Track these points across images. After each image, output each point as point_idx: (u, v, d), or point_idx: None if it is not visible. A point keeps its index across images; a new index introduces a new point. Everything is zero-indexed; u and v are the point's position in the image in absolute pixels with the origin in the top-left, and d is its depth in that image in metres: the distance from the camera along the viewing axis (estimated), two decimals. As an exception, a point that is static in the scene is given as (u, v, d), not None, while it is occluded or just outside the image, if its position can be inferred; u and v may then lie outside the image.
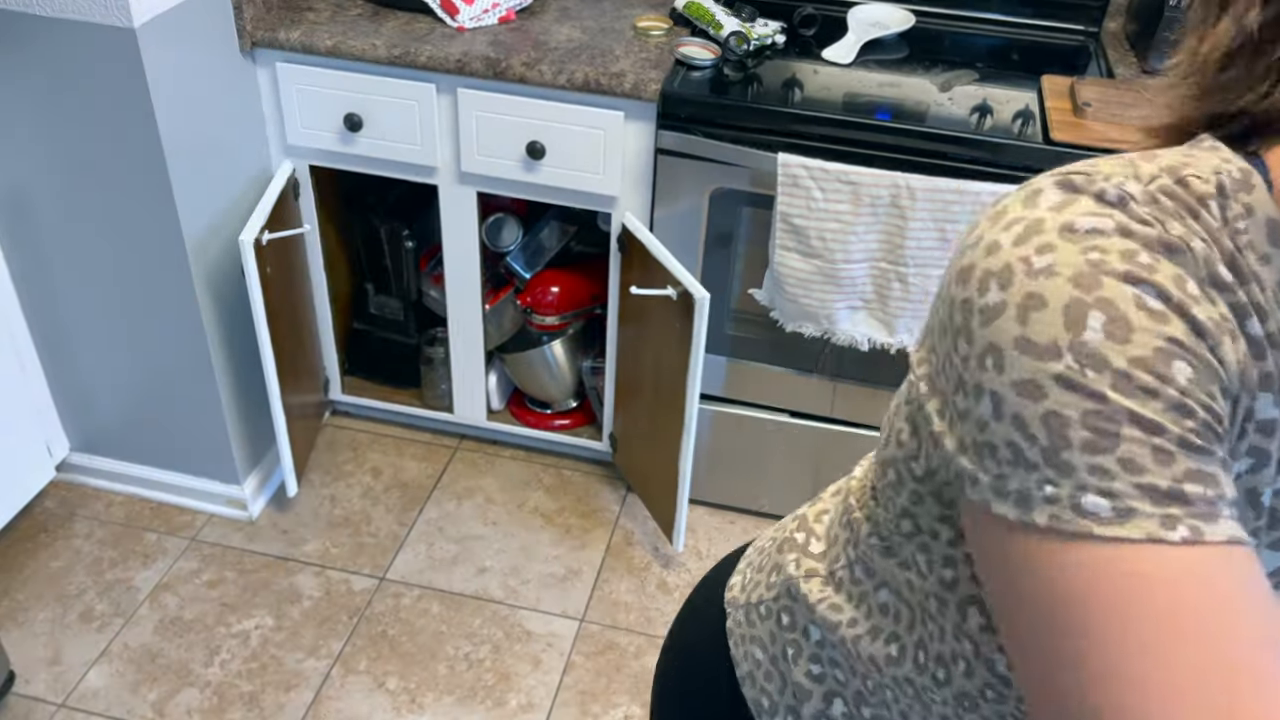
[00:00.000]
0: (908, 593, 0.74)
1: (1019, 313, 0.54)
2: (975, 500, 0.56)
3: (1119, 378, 0.51)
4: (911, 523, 0.70)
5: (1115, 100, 1.83)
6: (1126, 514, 0.50)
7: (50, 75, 1.77)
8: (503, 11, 2.04)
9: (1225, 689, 0.47)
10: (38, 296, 2.08)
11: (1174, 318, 0.52)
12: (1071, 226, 0.55)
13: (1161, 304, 0.52)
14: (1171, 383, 0.51)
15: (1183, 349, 0.51)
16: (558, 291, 2.29)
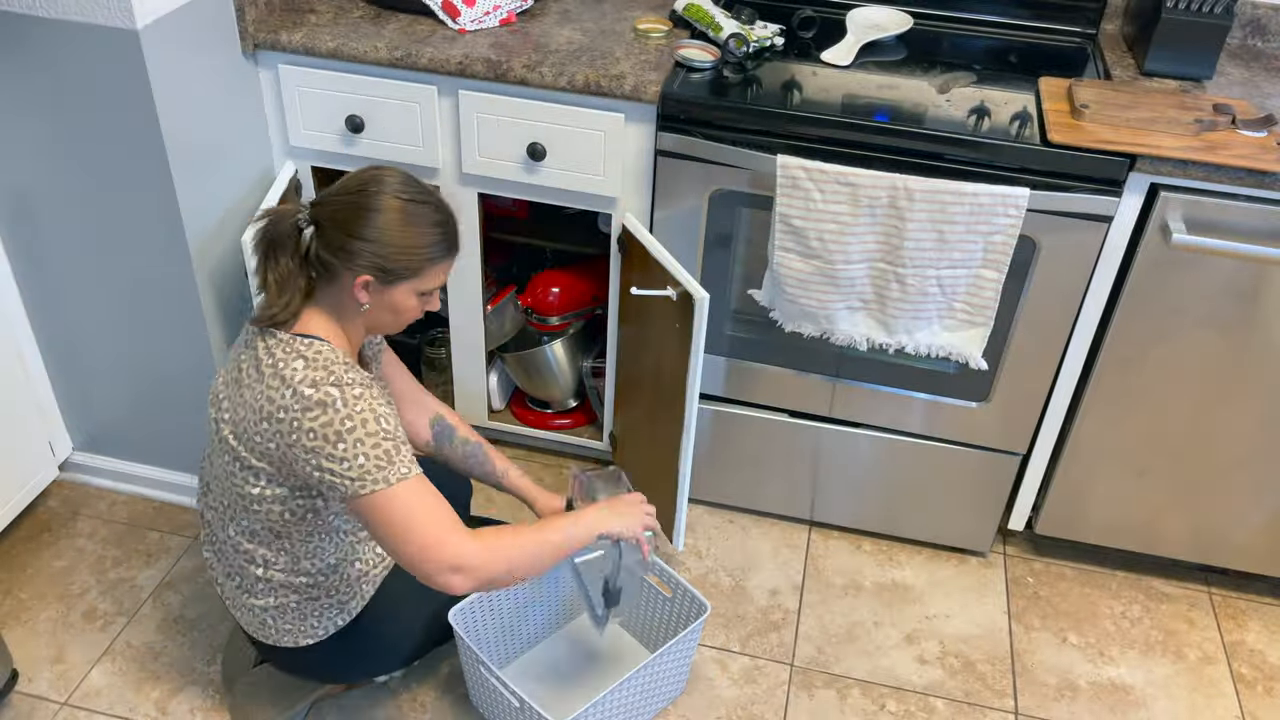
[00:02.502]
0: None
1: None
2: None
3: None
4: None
5: (1113, 102, 1.83)
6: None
7: (53, 77, 1.78)
8: (504, 14, 2.05)
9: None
10: (41, 296, 2.09)
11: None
12: None
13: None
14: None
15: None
16: (558, 292, 2.30)
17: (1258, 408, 1.96)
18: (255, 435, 1.46)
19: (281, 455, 1.45)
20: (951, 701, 2.01)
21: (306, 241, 1.45)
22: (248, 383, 1.47)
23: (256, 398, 1.45)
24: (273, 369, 1.44)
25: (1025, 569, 2.29)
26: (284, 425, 1.43)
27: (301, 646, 1.68)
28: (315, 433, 1.41)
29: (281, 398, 1.43)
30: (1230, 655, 2.13)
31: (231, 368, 1.54)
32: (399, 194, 1.46)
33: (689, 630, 1.83)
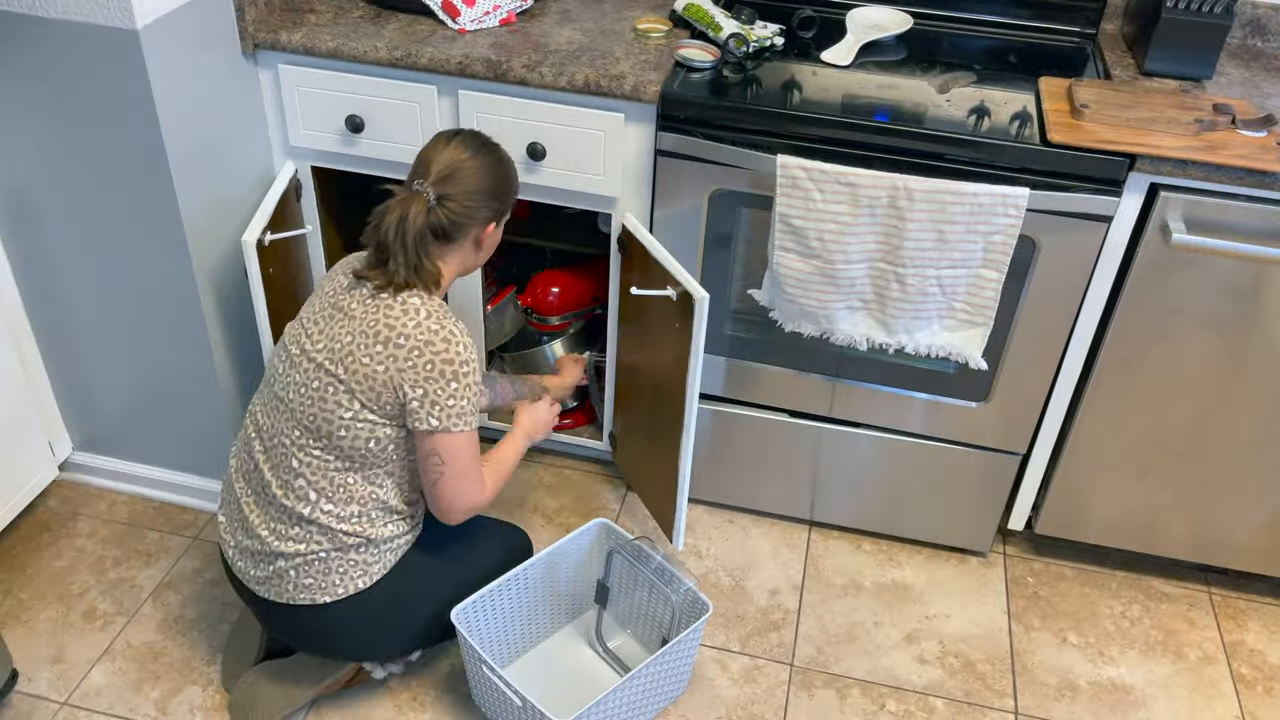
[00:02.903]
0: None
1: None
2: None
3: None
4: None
5: (1112, 101, 1.83)
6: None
7: (53, 77, 1.78)
8: (503, 14, 2.05)
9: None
10: (41, 296, 2.09)
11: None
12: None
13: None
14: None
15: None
16: (558, 292, 2.30)
17: (1258, 408, 1.96)
18: (364, 357, 1.58)
19: (387, 379, 1.58)
20: (951, 701, 2.01)
21: (437, 216, 1.61)
22: (359, 313, 1.61)
23: (373, 324, 1.59)
24: (390, 299, 1.60)
25: (1025, 569, 2.30)
26: (402, 350, 1.58)
27: (318, 605, 1.70)
28: (433, 364, 1.58)
29: (404, 326, 1.58)
30: (1230, 655, 2.13)
31: (323, 302, 1.66)
32: (487, 148, 1.66)
33: (690, 630, 1.83)
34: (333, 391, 1.60)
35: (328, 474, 1.65)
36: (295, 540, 1.68)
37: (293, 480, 1.66)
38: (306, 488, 1.66)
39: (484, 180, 1.64)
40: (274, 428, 1.68)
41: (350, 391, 1.60)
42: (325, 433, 1.62)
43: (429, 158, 1.62)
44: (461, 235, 1.65)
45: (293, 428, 1.65)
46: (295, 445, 1.65)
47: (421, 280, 1.62)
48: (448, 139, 1.65)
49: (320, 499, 1.66)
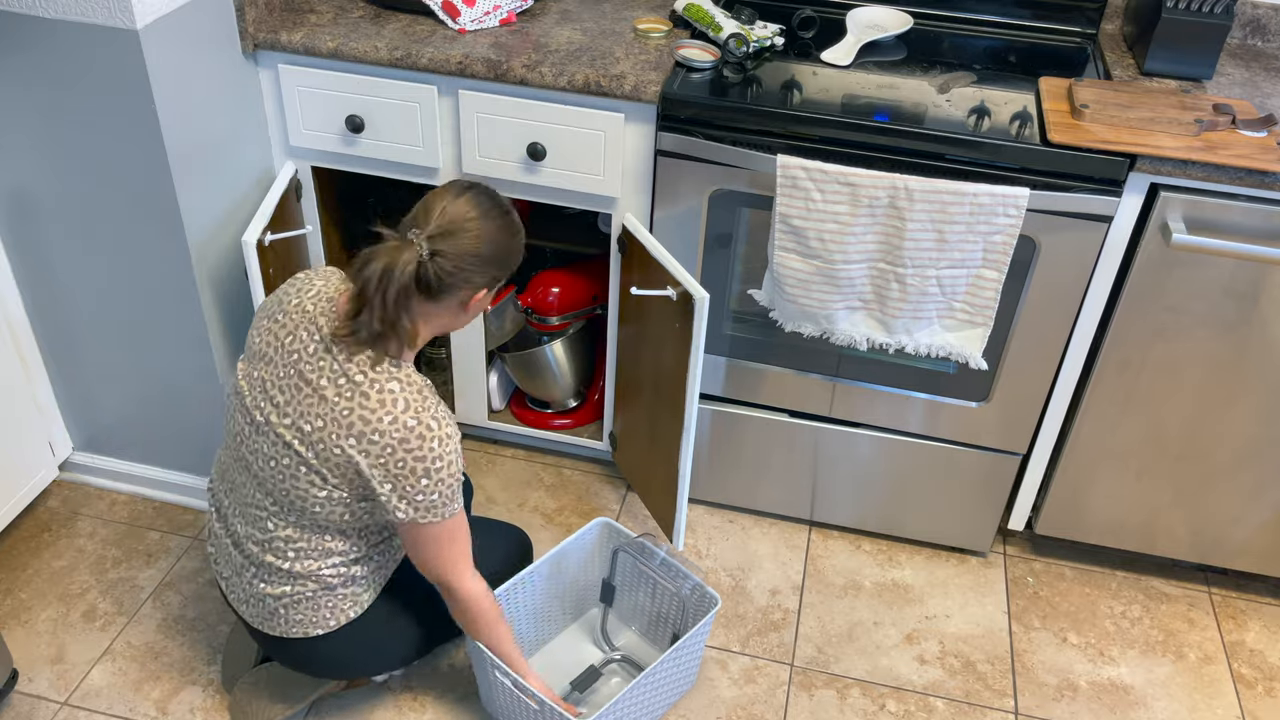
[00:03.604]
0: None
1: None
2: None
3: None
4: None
5: (1113, 102, 1.83)
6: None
7: (53, 77, 1.78)
8: (504, 14, 2.05)
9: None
10: (41, 296, 2.09)
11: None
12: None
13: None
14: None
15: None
16: (559, 292, 2.30)
17: (1258, 408, 1.96)
18: (335, 448, 1.48)
19: (358, 470, 1.49)
20: (951, 701, 2.01)
21: (427, 271, 1.45)
22: (330, 395, 1.47)
23: (345, 413, 1.46)
24: (366, 386, 1.47)
25: (1025, 569, 2.30)
26: (375, 447, 1.47)
27: (311, 638, 1.68)
28: (405, 462, 1.47)
29: (379, 421, 1.46)
30: (1230, 655, 2.13)
31: (286, 368, 1.51)
32: (498, 209, 1.52)
33: (702, 624, 1.84)
34: (305, 472, 1.51)
35: (304, 534, 1.60)
36: (280, 583, 1.64)
37: (269, 541, 1.61)
38: (284, 547, 1.61)
39: (486, 245, 1.49)
40: (244, 487, 1.62)
41: (322, 475, 1.51)
42: (298, 508, 1.56)
43: (433, 206, 1.48)
44: (448, 296, 1.50)
45: (263, 496, 1.59)
46: (266, 512, 1.59)
47: (395, 336, 1.48)
48: (459, 191, 1.50)
49: (299, 556, 1.61)
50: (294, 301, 1.56)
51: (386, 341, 1.49)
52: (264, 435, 1.54)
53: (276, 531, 1.60)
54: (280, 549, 1.61)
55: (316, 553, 1.61)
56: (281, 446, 1.52)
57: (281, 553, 1.61)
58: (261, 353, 1.56)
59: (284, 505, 1.57)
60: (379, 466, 1.48)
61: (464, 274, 1.48)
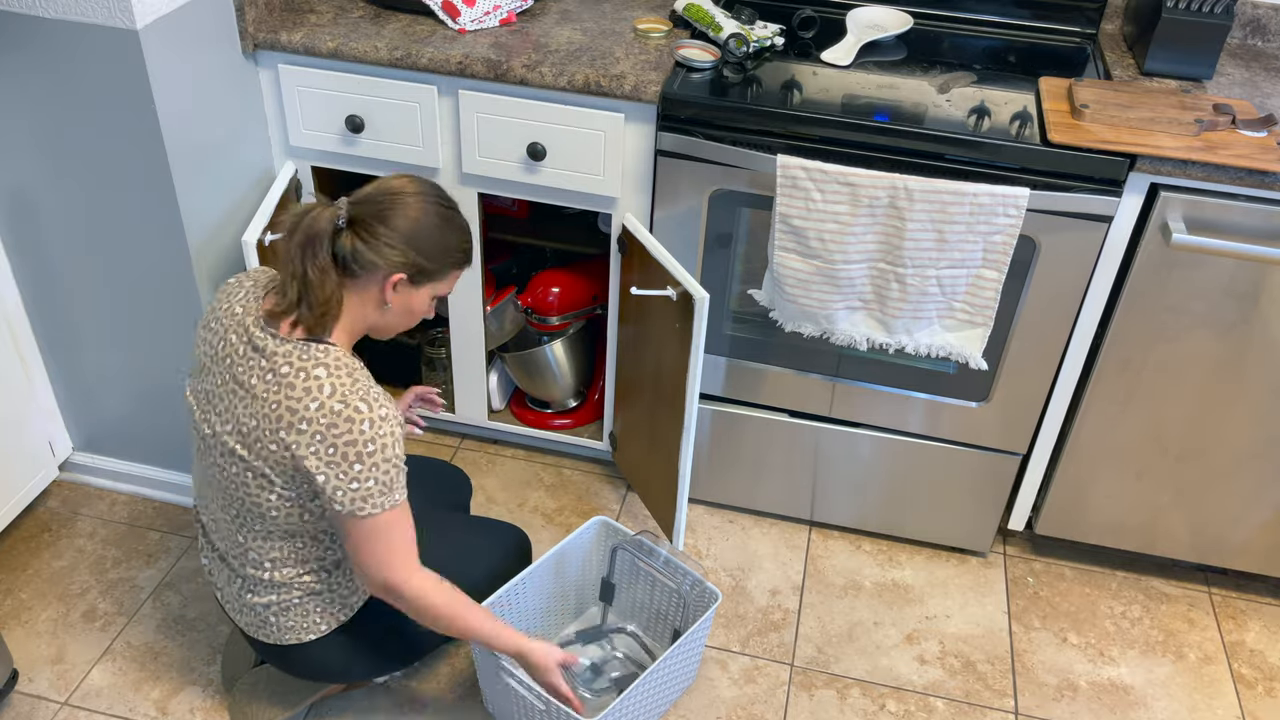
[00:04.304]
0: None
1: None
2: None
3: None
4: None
5: (1113, 102, 1.83)
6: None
7: (53, 77, 1.78)
8: (504, 14, 2.05)
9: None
10: (42, 296, 2.09)
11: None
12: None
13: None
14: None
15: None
16: (559, 292, 2.30)
17: (1258, 408, 1.96)
18: (270, 444, 1.45)
19: (295, 464, 1.45)
20: (951, 701, 2.01)
21: (344, 239, 1.44)
22: (260, 390, 1.45)
23: (274, 407, 1.44)
24: (292, 376, 1.44)
25: (1025, 569, 2.30)
26: (304, 436, 1.43)
27: (304, 643, 1.68)
28: (335, 448, 1.42)
29: (305, 409, 1.42)
30: (1230, 655, 2.13)
31: (222, 374, 1.50)
32: (437, 198, 1.50)
33: (703, 619, 1.84)
34: (251, 477, 1.49)
35: (274, 544, 1.58)
36: (265, 592, 1.63)
37: (244, 553, 1.60)
38: (259, 558, 1.59)
39: (411, 223, 1.46)
40: (213, 502, 1.61)
41: (267, 477, 1.48)
42: (257, 514, 1.54)
43: (371, 183, 1.50)
44: (363, 272, 1.46)
45: (226, 508, 1.58)
46: (234, 524, 1.58)
47: (310, 300, 1.43)
48: (408, 177, 1.51)
49: (275, 566, 1.60)
50: (224, 307, 1.54)
51: (310, 312, 1.44)
52: (213, 447, 1.53)
53: (249, 543, 1.59)
54: (256, 560, 1.60)
55: (291, 560, 1.60)
56: (227, 454, 1.50)
57: (258, 564, 1.60)
58: (201, 365, 1.55)
59: (245, 515, 1.55)
60: (313, 455, 1.43)
61: (380, 248, 1.44)
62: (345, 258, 1.44)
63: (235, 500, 1.54)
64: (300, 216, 1.44)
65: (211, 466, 1.56)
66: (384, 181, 1.49)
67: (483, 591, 1.86)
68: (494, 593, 1.85)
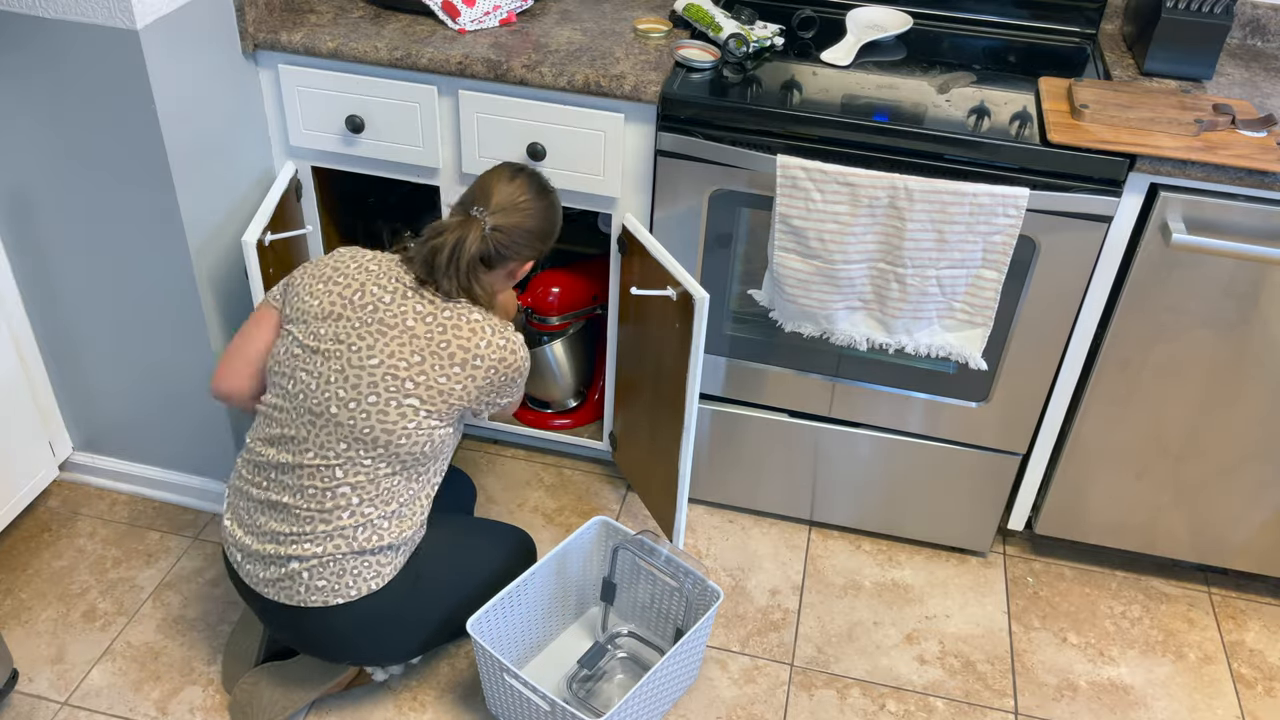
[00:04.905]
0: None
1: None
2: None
3: None
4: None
5: (1113, 102, 1.84)
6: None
7: (53, 77, 1.78)
8: (503, 14, 2.05)
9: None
10: (42, 296, 2.09)
11: None
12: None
13: None
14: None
15: None
16: (558, 292, 2.30)
17: (1257, 408, 1.96)
18: (440, 376, 1.64)
19: (464, 394, 1.67)
20: (951, 701, 2.01)
21: (487, 244, 1.68)
22: (421, 330, 1.65)
23: (443, 344, 1.65)
24: (456, 320, 1.67)
25: (1025, 569, 2.30)
26: (480, 370, 1.67)
27: (330, 607, 1.70)
28: (506, 376, 1.71)
29: (476, 346, 1.66)
30: (1230, 655, 2.13)
31: (362, 318, 1.66)
32: (548, 192, 1.75)
33: (705, 618, 1.85)
34: (396, 405, 1.63)
35: (376, 480, 1.67)
36: (315, 542, 1.68)
37: (335, 488, 1.66)
38: (350, 494, 1.66)
39: (537, 222, 1.72)
40: (312, 440, 1.66)
41: (418, 403, 1.64)
42: (383, 443, 1.65)
43: (490, 188, 1.69)
44: (502, 265, 1.72)
45: (338, 441, 1.65)
46: (342, 458, 1.65)
47: (472, 299, 1.70)
48: (513, 174, 1.71)
49: (363, 504, 1.67)
50: (351, 266, 1.71)
51: (487, 293, 1.71)
52: (348, 379, 1.64)
53: (348, 476, 1.66)
54: (345, 496, 1.67)
55: (380, 498, 1.68)
56: (370, 385, 1.63)
57: (345, 500, 1.67)
58: (327, 312, 1.68)
59: (367, 443, 1.64)
60: (486, 386, 1.68)
61: (517, 247, 1.71)
62: (488, 257, 1.70)
63: (361, 429, 1.64)
64: (459, 241, 1.65)
65: (331, 400, 1.65)
66: (501, 185, 1.70)
67: (488, 592, 1.87)
68: (497, 594, 1.85)
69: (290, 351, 1.69)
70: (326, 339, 1.67)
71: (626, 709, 1.73)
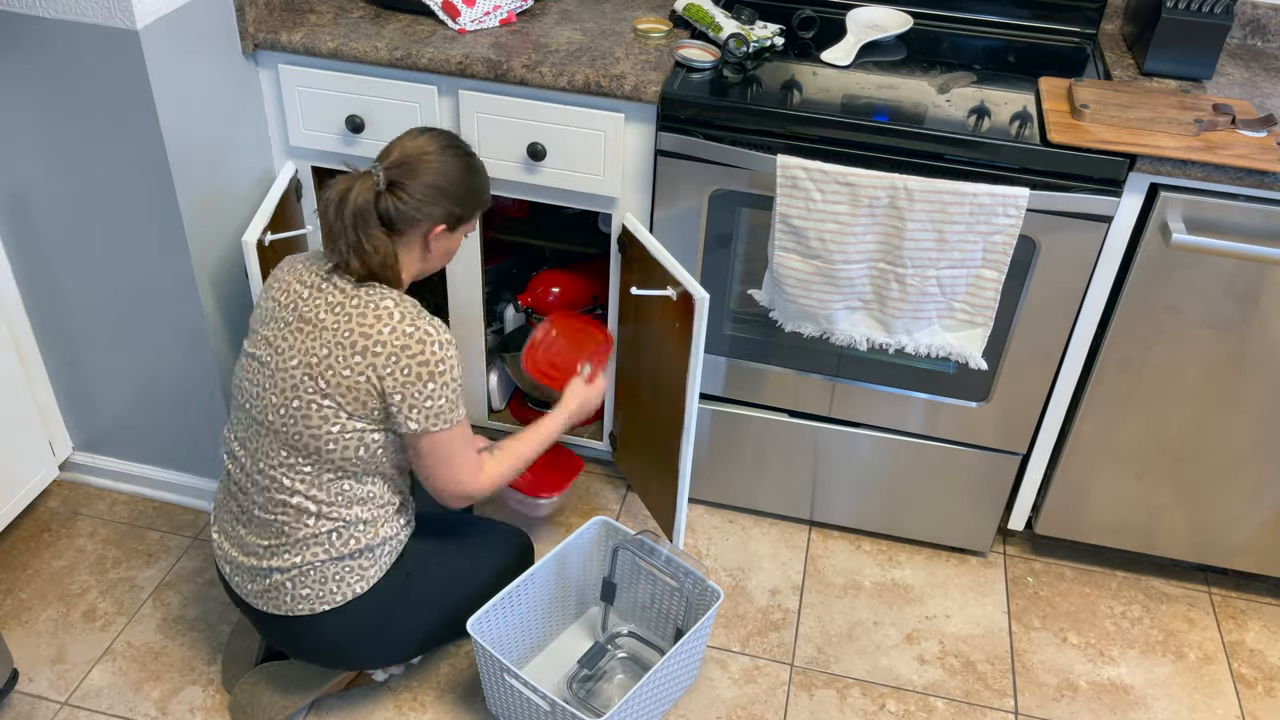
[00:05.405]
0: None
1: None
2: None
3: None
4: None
5: (1113, 102, 1.84)
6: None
7: (54, 77, 1.78)
8: (504, 14, 2.05)
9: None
10: (42, 296, 2.09)
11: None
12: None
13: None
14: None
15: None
16: (559, 292, 2.30)
17: (1258, 407, 1.96)
18: (344, 369, 1.56)
19: (369, 387, 1.56)
20: (951, 701, 2.01)
21: (385, 201, 1.57)
22: (329, 322, 1.57)
23: (347, 334, 1.56)
24: (363, 308, 1.57)
25: (1025, 569, 2.30)
26: (379, 358, 1.56)
27: (317, 614, 1.69)
28: (410, 368, 1.56)
29: (378, 332, 1.56)
30: (1230, 655, 2.13)
31: (287, 317, 1.61)
32: (457, 148, 1.64)
33: (705, 618, 1.85)
34: (316, 408, 1.57)
35: (323, 485, 1.63)
36: (291, 553, 1.66)
37: (289, 498, 1.64)
38: (305, 501, 1.64)
39: (442, 177, 1.59)
40: (258, 450, 1.65)
41: (335, 404, 1.57)
42: (313, 449, 1.60)
43: (394, 145, 1.60)
44: (408, 228, 1.60)
45: (278, 449, 1.62)
46: (284, 465, 1.63)
47: (369, 265, 1.57)
48: (420, 131, 1.62)
49: (323, 509, 1.64)
50: (285, 270, 1.67)
51: (373, 274, 1.59)
52: (274, 387, 1.61)
53: (295, 484, 1.63)
54: (301, 504, 1.64)
55: (339, 501, 1.65)
56: (292, 388, 1.59)
57: (303, 507, 1.64)
58: (266, 317, 1.65)
59: (299, 449, 1.61)
60: (389, 376, 1.56)
61: (422, 206, 1.59)
62: (389, 218, 1.58)
63: (291, 435, 1.60)
64: (344, 192, 1.56)
65: (267, 408, 1.62)
66: (406, 141, 1.61)
67: (486, 592, 1.87)
68: (497, 593, 1.85)
69: (241, 364, 1.68)
70: (261, 344, 1.63)
71: (626, 709, 1.73)
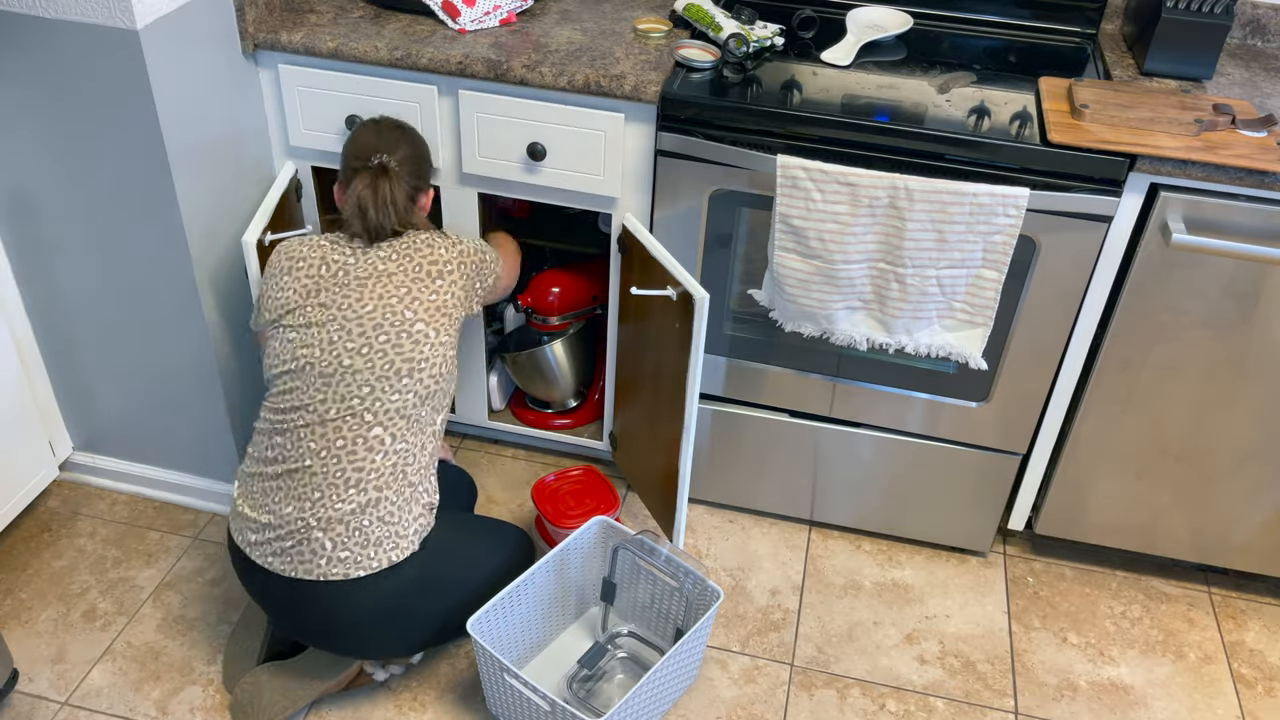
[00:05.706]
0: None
1: None
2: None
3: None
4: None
5: (1113, 102, 1.84)
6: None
7: (53, 77, 1.78)
8: (504, 14, 2.05)
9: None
10: (41, 296, 2.09)
11: None
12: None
13: None
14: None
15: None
16: (559, 292, 2.30)
17: (1257, 408, 1.96)
18: (430, 295, 1.79)
19: (456, 301, 1.82)
20: (951, 701, 2.01)
21: (405, 183, 1.82)
22: (393, 269, 1.79)
23: (416, 269, 1.79)
24: (412, 248, 1.81)
25: (1025, 569, 2.30)
26: (451, 274, 1.82)
27: (350, 580, 1.71)
28: (477, 267, 1.88)
29: (442, 253, 1.82)
30: (1230, 655, 2.13)
31: (344, 282, 1.78)
32: (404, 125, 1.89)
33: (705, 617, 1.85)
34: (407, 335, 1.75)
35: (405, 412, 1.75)
36: (344, 500, 1.71)
37: (366, 432, 1.73)
38: (383, 434, 1.74)
39: (418, 148, 1.87)
40: (332, 397, 1.74)
41: (425, 325, 1.77)
42: (407, 371, 1.75)
43: (372, 141, 1.82)
44: (420, 195, 1.88)
45: (360, 386, 1.73)
46: (366, 400, 1.74)
47: (406, 223, 1.83)
48: (376, 123, 1.86)
49: (396, 433, 1.75)
50: (304, 250, 1.82)
51: (416, 222, 1.86)
52: (351, 332, 1.75)
53: (378, 417, 1.74)
54: (378, 437, 1.74)
55: (411, 430, 1.76)
56: (375, 327, 1.75)
57: (379, 440, 1.74)
58: (307, 291, 1.78)
59: (389, 376, 1.74)
60: (464, 281, 1.84)
61: (420, 173, 1.87)
62: (411, 191, 1.85)
63: (380, 366, 1.74)
64: (370, 185, 1.79)
65: (342, 354, 1.74)
66: (377, 134, 1.84)
67: (487, 591, 1.87)
68: (497, 593, 1.85)
69: (285, 339, 1.78)
70: (314, 311, 1.77)
71: (626, 709, 1.73)
